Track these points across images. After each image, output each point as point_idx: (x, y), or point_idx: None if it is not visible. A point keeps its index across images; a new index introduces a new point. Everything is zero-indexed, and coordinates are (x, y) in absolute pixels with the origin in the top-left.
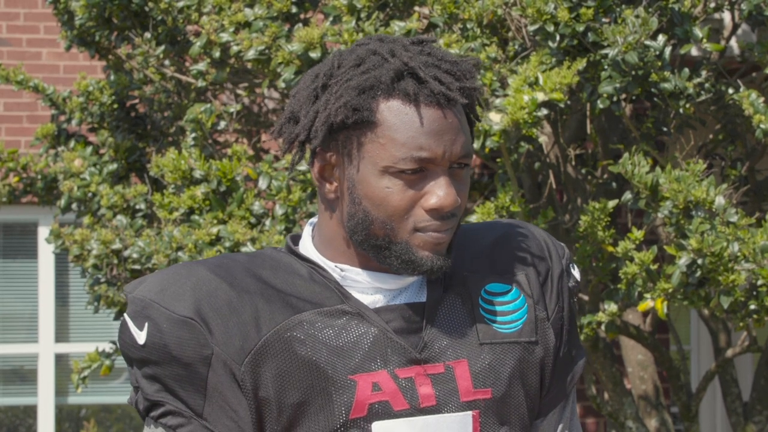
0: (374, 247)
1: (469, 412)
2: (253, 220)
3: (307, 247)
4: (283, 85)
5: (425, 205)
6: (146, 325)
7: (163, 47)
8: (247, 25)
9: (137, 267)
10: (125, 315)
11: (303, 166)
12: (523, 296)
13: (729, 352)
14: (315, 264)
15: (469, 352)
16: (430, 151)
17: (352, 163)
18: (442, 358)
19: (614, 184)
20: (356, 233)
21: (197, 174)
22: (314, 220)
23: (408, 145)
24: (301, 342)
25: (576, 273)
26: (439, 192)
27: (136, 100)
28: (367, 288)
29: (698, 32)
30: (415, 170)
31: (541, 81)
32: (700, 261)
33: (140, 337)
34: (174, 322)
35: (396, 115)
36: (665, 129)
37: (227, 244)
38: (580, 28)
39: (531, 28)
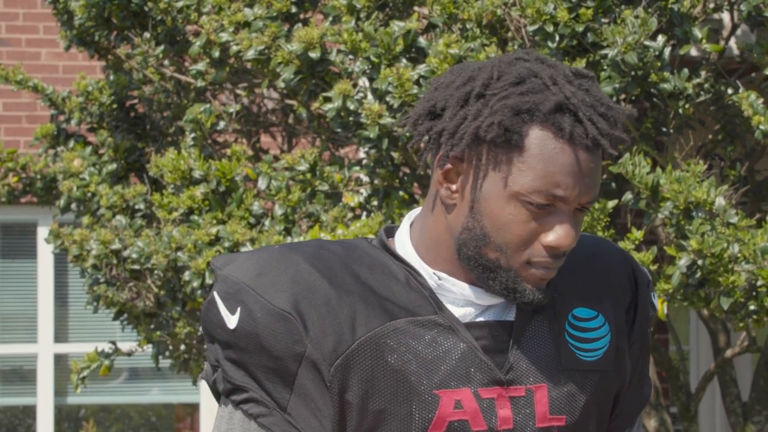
0: (480, 266)
1: None
2: (252, 220)
3: (404, 243)
4: (282, 85)
5: (544, 241)
6: (239, 309)
7: (162, 47)
8: (246, 24)
9: (137, 267)
10: (214, 292)
11: (302, 166)
12: (608, 324)
13: (728, 353)
14: (411, 268)
15: (550, 377)
16: (566, 191)
17: (484, 178)
18: (524, 381)
19: (614, 185)
20: (467, 248)
21: (196, 174)
22: (415, 213)
23: (546, 179)
24: (393, 350)
25: (656, 301)
26: (560, 231)
27: (136, 100)
28: (458, 299)
29: (698, 33)
30: (544, 205)
31: None
32: (700, 262)
33: (231, 321)
34: (270, 313)
35: (543, 147)
36: (665, 129)
37: (226, 244)
38: (580, 28)
39: (530, 29)
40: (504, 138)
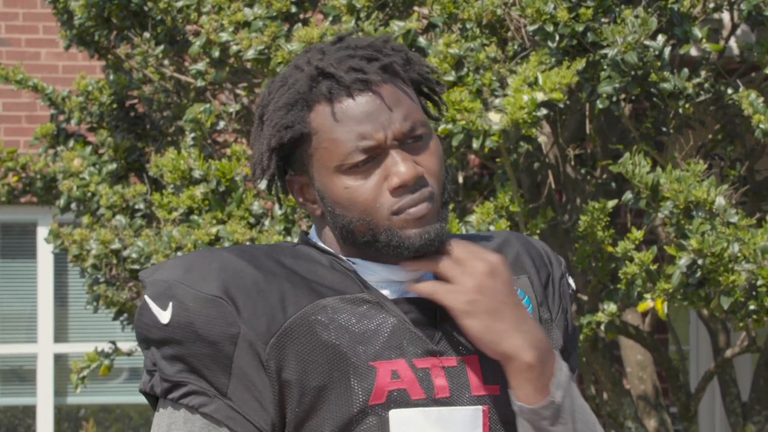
0: (366, 244)
1: (480, 407)
2: (252, 220)
3: (322, 240)
4: None
5: (390, 187)
6: (170, 304)
7: (162, 47)
8: (246, 24)
9: (136, 267)
10: (145, 297)
11: None
12: (528, 297)
13: (728, 353)
14: (334, 254)
15: None
16: (372, 138)
17: (313, 175)
18: (455, 352)
19: (613, 184)
20: (346, 238)
21: (196, 174)
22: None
23: (348, 138)
24: (324, 326)
25: (572, 283)
26: (396, 169)
27: (136, 100)
28: (381, 281)
29: (698, 32)
30: (366, 160)
31: (540, 81)
32: (700, 261)
33: (164, 316)
34: (201, 300)
35: (326, 117)
36: (664, 129)
37: (226, 244)
38: (580, 28)
39: (530, 28)
40: (291, 135)
